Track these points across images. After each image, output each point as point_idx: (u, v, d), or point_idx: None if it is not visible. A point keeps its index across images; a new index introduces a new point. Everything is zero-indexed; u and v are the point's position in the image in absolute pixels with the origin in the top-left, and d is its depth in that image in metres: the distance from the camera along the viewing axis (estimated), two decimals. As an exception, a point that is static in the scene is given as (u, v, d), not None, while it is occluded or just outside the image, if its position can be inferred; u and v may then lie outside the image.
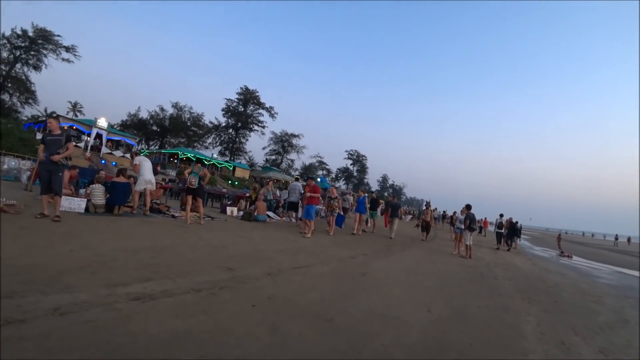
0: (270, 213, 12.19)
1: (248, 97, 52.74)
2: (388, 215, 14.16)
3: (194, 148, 46.02)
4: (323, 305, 3.39)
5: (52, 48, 36.68)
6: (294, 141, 59.77)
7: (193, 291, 3.15)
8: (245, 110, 53.06)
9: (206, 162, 34.79)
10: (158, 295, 2.91)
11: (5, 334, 1.94)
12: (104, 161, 25.93)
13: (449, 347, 2.86)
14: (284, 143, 59.31)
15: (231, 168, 42.13)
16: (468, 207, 10.30)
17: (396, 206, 13.30)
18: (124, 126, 43.85)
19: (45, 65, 36.90)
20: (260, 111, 54.30)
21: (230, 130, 53.02)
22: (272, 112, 54.51)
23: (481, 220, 24.59)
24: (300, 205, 11.46)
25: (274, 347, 2.32)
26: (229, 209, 11.60)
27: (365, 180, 79.18)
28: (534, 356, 2.96)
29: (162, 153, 38.56)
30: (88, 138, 27.37)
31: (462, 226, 10.19)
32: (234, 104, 52.65)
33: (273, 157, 59.28)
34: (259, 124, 54.48)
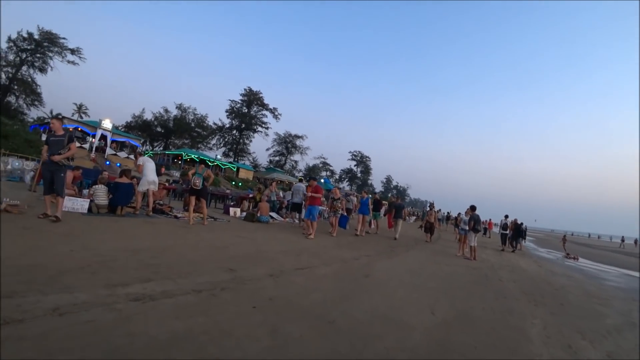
0: (273, 214, 12.18)
1: (252, 99, 52.86)
2: (391, 216, 14.10)
3: (198, 149, 46.21)
4: (325, 306, 3.35)
5: (58, 50, 37.05)
6: (298, 142, 59.83)
7: (193, 292, 3.13)
8: (249, 111, 53.19)
9: (210, 163, 34.89)
10: (158, 295, 2.89)
11: (4, 334, 1.93)
12: (109, 162, 26.09)
13: (453, 350, 2.81)
14: (288, 144, 59.36)
15: (235, 169, 42.23)
16: (473, 208, 10.22)
17: (400, 207, 13.23)
18: (129, 127, 44.10)
19: (50, 67, 37.28)
20: (263, 112, 54.49)
21: (234, 131, 53.18)
22: (276, 113, 54.68)
23: (486, 221, 24.42)
24: (303, 206, 11.44)
25: (274, 349, 2.29)
26: (232, 210, 11.60)
27: (369, 181, 79.08)
28: (540, 360, 2.90)
29: (166, 154, 38.74)
30: (93, 139, 27.59)
31: (467, 227, 10.10)
32: (238, 105, 52.82)
33: (277, 158, 59.33)
34: (263, 125, 54.66)
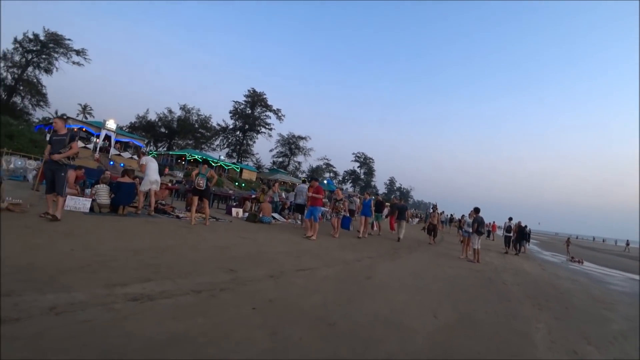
0: (275, 215, 12.16)
1: (255, 100, 53.04)
2: (395, 217, 14.02)
3: (202, 150, 46.39)
4: (326, 309, 3.30)
5: (63, 52, 37.44)
6: (301, 143, 59.99)
7: (193, 292, 3.09)
8: (252, 112, 53.36)
9: (213, 164, 34.98)
10: (157, 296, 2.86)
11: (-1, 333, 1.90)
12: (112, 162, 26.21)
13: (456, 355, 2.75)
14: (291, 145, 59.46)
15: (238, 170, 42.33)
16: (476, 211, 10.14)
17: (403, 208, 13.16)
18: (133, 128, 44.35)
19: (56, 68, 37.68)
20: (267, 113, 54.63)
21: (237, 132, 53.36)
22: (280, 115, 54.80)
23: (489, 224, 24.25)
24: (306, 207, 11.40)
25: (274, 352, 2.25)
26: (235, 210, 11.59)
27: (372, 183, 79.01)
28: (545, 365, 2.84)
29: (170, 155, 38.91)
30: (97, 140, 27.72)
31: (470, 229, 10.02)
32: (242, 106, 53.02)
33: (280, 160, 59.44)
34: (266, 126, 54.82)
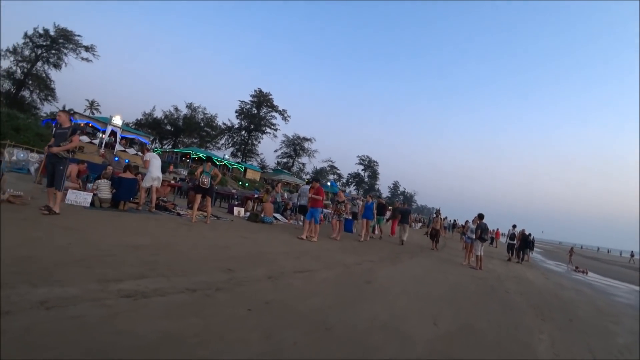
0: (277, 215, 12.10)
1: (262, 100, 53.10)
2: (397, 221, 13.91)
3: (207, 148, 46.44)
4: (323, 312, 3.23)
5: (72, 47, 37.76)
6: (306, 145, 59.93)
7: (188, 291, 3.03)
8: (258, 112, 53.43)
9: (217, 163, 35.04)
10: (151, 293, 2.80)
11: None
12: (117, 158, 26.32)
13: (456, 365, 2.66)
14: (296, 146, 59.45)
15: (242, 169, 42.36)
16: (480, 217, 10.01)
17: (406, 212, 13.06)
18: (139, 125, 44.55)
19: (65, 63, 37.96)
20: (273, 114, 54.68)
21: (242, 132, 53.44)
22: (285, 115, 54.82)
23: (493, 230, 24.01)
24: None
25: (266, 355, 2.18)
26: (236, 210, 11.55)
27: (376, 186, 78.72)
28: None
29: (175, 152, 39.04)
30: (103, 135, 27.86)
31: (473, 236, 9.89)
32: (248, 106, 53.11)
33: (284, 160, 59.44)
34: (272, 127, 54.85)
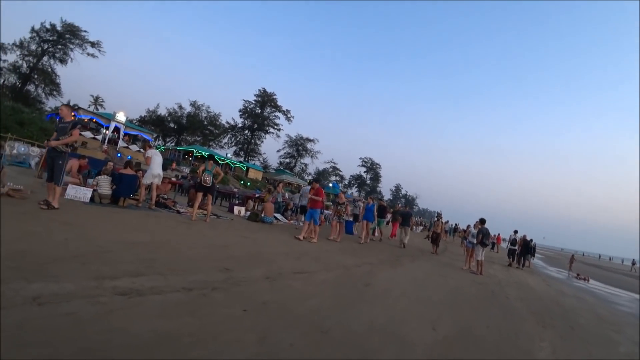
0: (277, 215, 12.06)
1: (265, 100, 53.20)
2: (398, 224, 13.84)
3: (210, 147, 46.48)
4: (321, 315, 3.18)
5: (79, 43, 37.99)
6: (309, 145, 59.94)
7: (184, 290, 3.00)
8: (262, 112, 53.51)
9: (220, 161, 35.05)
10: (146, 291, 2.77)
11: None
12: (120, 154, 26.36)
13: (454, 371, 2.61)
14: (299, 147, 59.46)
15: (245, 169, 42.39)
16: (482, 222, 9.93)
17: (407, 215, 12.99)
18: (142, 122, 44.62)
19: (71, 59, 38.16)
20: (276, 114, 54.74)
21: (246, 131, 53.51)
22: (289, 115, 54.88)
23: (494, 235, 23.87)
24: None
25: (261, 356, 2.14)
26: (237, 209, 11.52)
27: (378, 188, 78.62)
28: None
29: (178, 150, 39.10)
30: (106, 131, 27.93)
31: (475, 240, 9.82)
32: (251, 106, 53.20)
33: (287, 160, 59.45)
34: (275, 127, 54.90)
